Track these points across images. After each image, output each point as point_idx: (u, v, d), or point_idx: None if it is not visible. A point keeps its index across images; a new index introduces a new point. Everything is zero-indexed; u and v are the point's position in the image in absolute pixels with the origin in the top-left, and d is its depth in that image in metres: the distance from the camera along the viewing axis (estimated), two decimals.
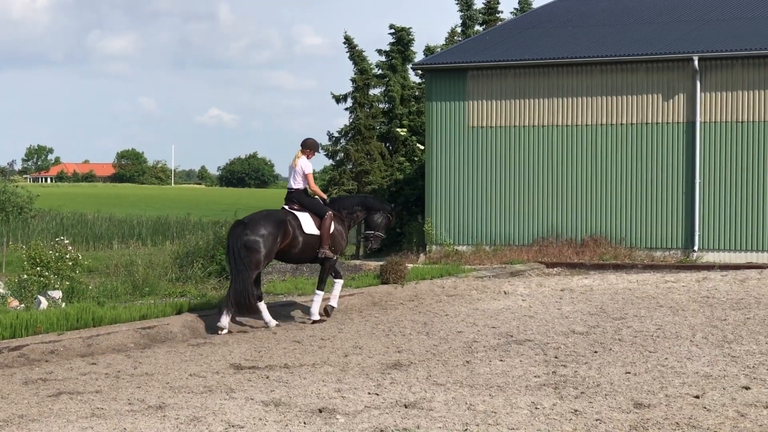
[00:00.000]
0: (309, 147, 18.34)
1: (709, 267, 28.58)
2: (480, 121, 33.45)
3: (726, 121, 30.81)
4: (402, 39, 47.15)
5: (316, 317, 17.85)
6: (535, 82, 32.85)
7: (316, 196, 18.43)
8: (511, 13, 51.42)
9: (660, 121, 31.45)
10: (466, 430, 9.60)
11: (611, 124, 31.98)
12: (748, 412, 10.26)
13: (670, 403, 10.66)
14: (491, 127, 33.31)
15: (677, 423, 9.81)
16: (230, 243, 17.35)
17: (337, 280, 18.48)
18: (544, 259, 30.26)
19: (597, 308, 19.30)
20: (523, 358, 13.49)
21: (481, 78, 33.47)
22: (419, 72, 42.95)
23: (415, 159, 43.32)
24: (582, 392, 11.23)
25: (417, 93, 46.04)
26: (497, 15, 48.91)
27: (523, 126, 32.95)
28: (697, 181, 30.83)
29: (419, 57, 46.78)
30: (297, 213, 17.84)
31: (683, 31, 33.72)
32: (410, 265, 26.75)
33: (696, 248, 30.70)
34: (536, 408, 10.47)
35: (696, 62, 30.69)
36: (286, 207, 18.10)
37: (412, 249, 34.00)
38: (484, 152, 33.38)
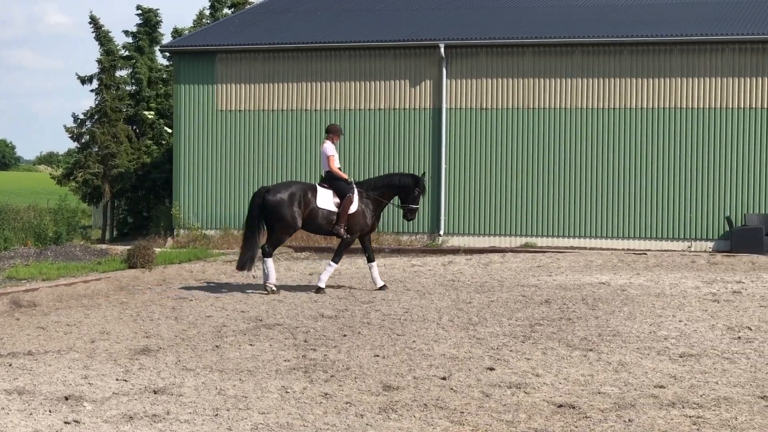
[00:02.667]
0: (331, 132, 20.09)
1: (455, 251, 29.23)
2: (229, 104, 33.30)
3: (471, 108, 31.55)
4: (149, 20, 46.45)
5: (322, 285, 19.49)
6: (284, 67, 32.89)
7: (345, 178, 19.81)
8: None
9: (407, 107, 31.95)
10: (216, 415, 9.51)
11: (359, 110, 32.31)
12: (492, 392, 10.49)
13: (418, 385, 10.80)
14: (240, 110, 33.20)
15: (425, 404, 9.94)
16: (251, 204, 19.61)
17: (332, 264, 19.85)
18: (293, 243, 30.30)
19: (345, 292, 19.45)
20: (273, 342, 13.46)
21: (230, 61, 33.30)
22: (167, 54, 42.38)
23: (163, 142, 42.81)
24: (332, 375, 11.28)
25: (165, 75, 45.47)
26: None
27: (273, 110, 32.96)
28: (443, 166, 31.47)
29: (167, 39, 46.19)
30: (318, 188, 19.56)
31: (431, 19, 34.32)
32: (158, 249, 26.42)
33: (442, 232, 31.35)
34: (287, 392, 10.46)
35: (442, 49, 31.31)
36: (316, 184, 19.89)
37: (160, 233, 33.61)
38: (233, 136, 33.26)
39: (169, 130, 41.34)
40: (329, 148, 19.83)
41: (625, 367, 11.78)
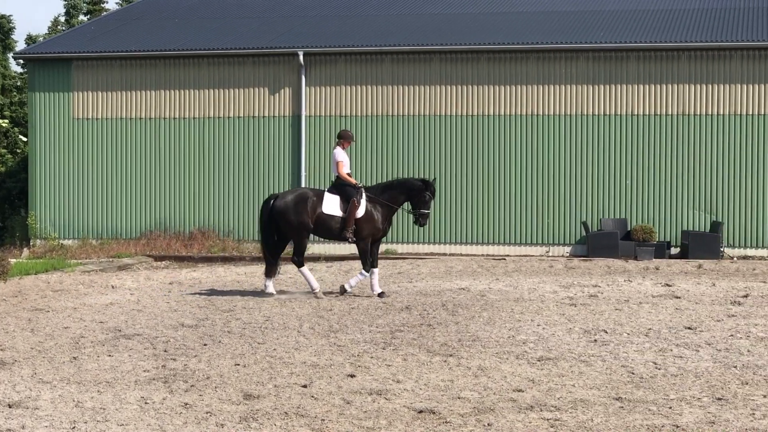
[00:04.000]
0: (342, 137, 20.35)
1: (315, 258, 29.19)
2: (86, 112, 32.84)
3: (330, 115, 31.61)
4: (2, 26, 45.64)
5: (378, 290, 19.74)
6: (142, 74, 32.57)
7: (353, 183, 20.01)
8: (116, 3, 50.78)
9: (266, 114, 31.87)
10: (73, 428, 9.36)
11: (218, 117, 32.15)
12: (353, 399, 10.50)
13: (279, 393, 10.77)
14: (98, 119, 32.77)
15: (286, 412, 9.91)
16: (261, 211, 20.44)
17: (364, 273, 20.08)
18: (153, 252, 30.05)
19: (206, 301, 19.29)
20: (132, 353, 13.30)
21: (86, 69, 32.84)
22: (21, 62, 41.66)
23: (18, 151, 42.08)
24: (192, 385, 11.18)
25: (19, 83, 44.72)
26: (102, 5, 48.24)
27: (131, 118, 32.61)
28: (303, 173, 31.47)
29: (21, 46, 45.45)
30: (326, 194, 19.86)
31: (290, 26, 34.30)
32: (13, 260, 25.91)
33: None
34: (146, 403, 10.34)
35: (301, 57, 31.31)
36: (325, 190, 20.22)
37: (15, 243, 33.00)
38: (90, 144, 32.81)
39: (24, 139, 40.65)
40: (339, 153, 20.03)
41: (484, 372, 11.89)
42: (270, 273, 20.14)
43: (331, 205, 19.73)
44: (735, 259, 29.29)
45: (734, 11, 33.13)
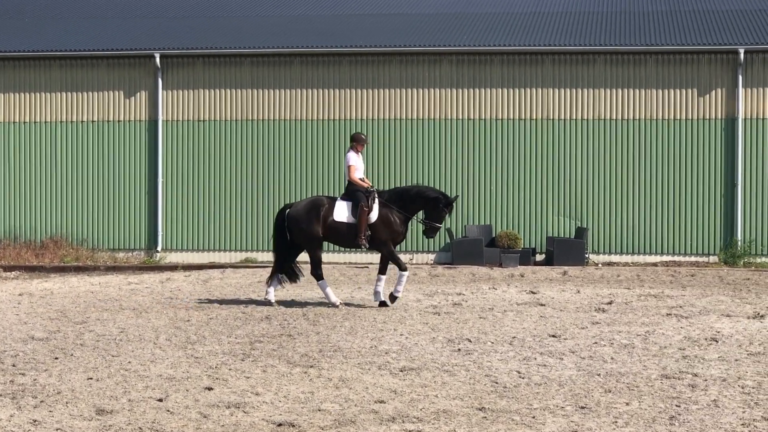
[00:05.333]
0: (355, 141, 19.90)
1: (173, 267, 28.75)
2: None
3: (188, 120, 31.16)
4: None
5: (381, 298, 19.35)
6: None
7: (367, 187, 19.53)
8: None
9: (122, 118, 31.31)
10: None
11: (71, 122, 31.55)
12: (210, 412, 10.22)
13: (133, 408, 10.43)
14: None
15: (140, 428, 9.60)
16: (274, 221, 20.28)
17: (402, 273, 19.34)
18: (2, 262, 29.27)
19: (58, 312, 18.76)
20: None
21: None
22: None
23: None
24: (42, 401, 10.76)
25: None
26: None
27: None
28: (160, 180, 30.98)
29: None
30: (337, 201, 19.56)
31: (146, 27, 33.76)
32: None
33: (159, 249, 30.82)
34: None
35: (158, 59, 30.81)
36: (338, 197, 19.95)
37: None
38: None
39: None
40: (351, 157, 19.60)
41: (345, 383, 11.69)
42: (272, 282, 19.94)
43: (342, 212, 19.39)
44: (600, 265, 29.56)
45: (599, 15, 33.47)
